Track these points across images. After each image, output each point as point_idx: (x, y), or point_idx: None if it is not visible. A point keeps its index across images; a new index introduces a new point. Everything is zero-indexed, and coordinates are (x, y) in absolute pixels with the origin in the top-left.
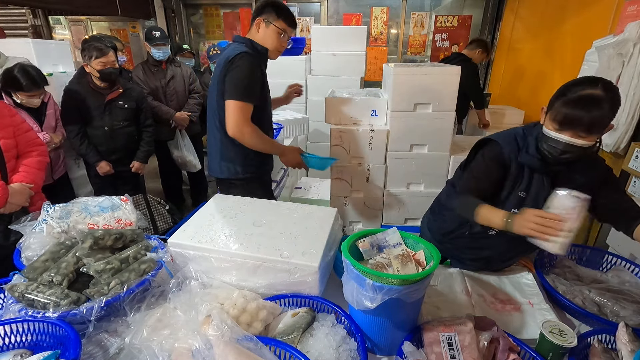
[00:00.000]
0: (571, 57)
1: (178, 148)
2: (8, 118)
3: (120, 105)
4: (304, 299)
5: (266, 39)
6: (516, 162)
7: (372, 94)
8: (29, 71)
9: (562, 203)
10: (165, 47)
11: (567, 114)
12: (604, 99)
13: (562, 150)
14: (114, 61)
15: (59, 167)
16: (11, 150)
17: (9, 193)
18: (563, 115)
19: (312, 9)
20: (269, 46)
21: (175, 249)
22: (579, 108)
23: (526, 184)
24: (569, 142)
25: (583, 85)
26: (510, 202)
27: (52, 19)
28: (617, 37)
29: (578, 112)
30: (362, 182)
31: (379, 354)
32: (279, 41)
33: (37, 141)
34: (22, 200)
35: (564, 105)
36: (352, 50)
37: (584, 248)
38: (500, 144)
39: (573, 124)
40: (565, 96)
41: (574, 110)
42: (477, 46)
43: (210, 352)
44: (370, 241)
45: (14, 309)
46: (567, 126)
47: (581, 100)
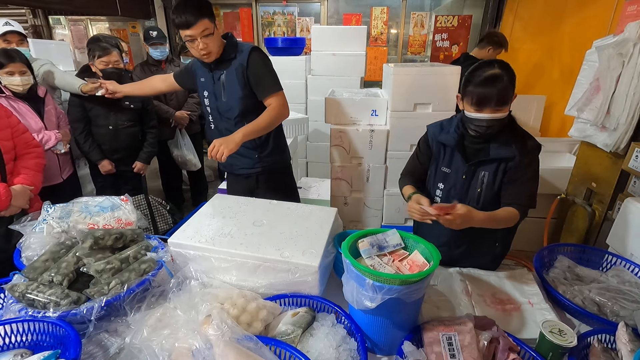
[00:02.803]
0: (570, 57)
1: (178, 147)
2: (5, 119)
3: (126, 105)
4: (304, 298)
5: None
6: (436, 142)
7: (371, 94)
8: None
9: None
10: (163, 46)
11: (480, 94)
12: (503, 75)
13: (486, 126)
14: (116, 61)
15: (67, 166)
16: (10, 152)
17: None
18: (477, 96)
19: (312, 9)
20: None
21: (176, 248)
22: (488, 86)
23: (448, 161)
24: (490, 117)
25: (483, 68)
26: (437, 178)
27: (52, 19)
28: (617, 37)
29: (488, 90)
30: (362, 182)
31: (379, 353)
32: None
33: (34, 142)
34: (24, 203)
35: (474, 87)
36: (352, 50)
37: (584, 248)
38: (428, 129)
39: (487, 100)
40: (473, 80)
41: (484, 89)
42: (488, 44)
43: (210, 351)
44: (370, 241)
45: (14, 308)
46: (482, 104)
47: (487, 79)
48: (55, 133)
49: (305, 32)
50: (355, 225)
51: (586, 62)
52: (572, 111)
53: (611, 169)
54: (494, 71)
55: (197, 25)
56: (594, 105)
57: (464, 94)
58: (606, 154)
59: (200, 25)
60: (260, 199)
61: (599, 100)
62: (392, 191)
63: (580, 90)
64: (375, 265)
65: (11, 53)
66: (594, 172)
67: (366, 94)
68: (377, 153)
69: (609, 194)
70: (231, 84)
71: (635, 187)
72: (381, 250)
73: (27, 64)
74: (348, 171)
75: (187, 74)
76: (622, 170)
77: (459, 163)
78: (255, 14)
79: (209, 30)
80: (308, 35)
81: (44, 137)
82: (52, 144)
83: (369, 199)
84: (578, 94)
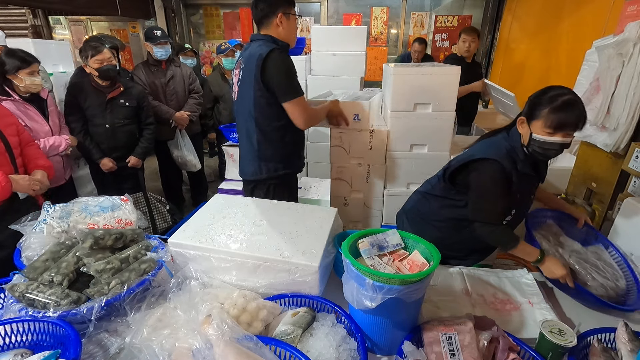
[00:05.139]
0: (567, 57)
1: (178, 148)
2: (9, 117)
3: (122, 103)
4: (304, 298)
5: (290, 32)
6: (516, 174)
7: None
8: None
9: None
10: (167, 45)
11: (560, 119)
12: (579, 100)
13: (556, 150)
14: (110, 58)
15: (69, 167)
16: (17, 148)
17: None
18: (557, 120)
19: (312, 9)
20: (292, 38)
21: (176, 248)
22: (569, 112)
23: (517, 185)
24: (563, 142)
25: (556, 91)
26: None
27: (52, 19)
28: (617, 37)
29: (568, 115)
30: (362, 182)
31: (379, 353)
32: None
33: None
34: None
35: (553, 112)
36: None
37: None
38: (500, 162)
39: (565, 126)
40: (551, 104)
41: (564, 114)
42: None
43: (210, 351)
44: (370, 241)
45: (15, 308)
46: (560, 129)
47: (566, 104)
48: (65, 139)
49: (305, 32)
50: (355, 225)
51: (586, 62)
52: None
53: (611, 169)
54: (570, 96)
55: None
56: (594, 105)
57: (534, 116)
58: (606, 154)
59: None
60: (260, 199)
61: (599, 100)
62: (392, 191)
63: (580, 90)
64: (375, 265)
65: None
66: (594, 172)
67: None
68: (377, 153)
69: (609, 194)
70: None
71: (635, 187)
72: (381, 250)
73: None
74: (348, 171)
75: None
76: (622, 170)
77: (528, 185)
78: None
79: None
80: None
81: (55, 142)
82: (62, 149)
83: (369, 199)
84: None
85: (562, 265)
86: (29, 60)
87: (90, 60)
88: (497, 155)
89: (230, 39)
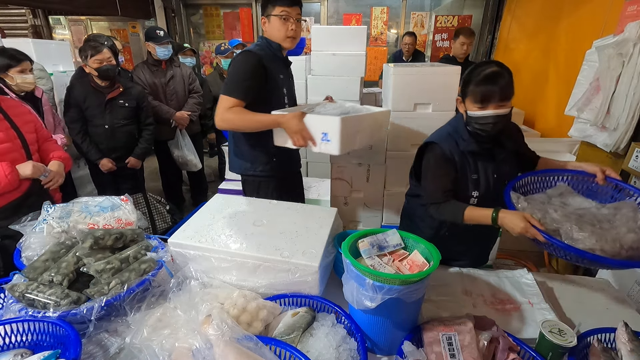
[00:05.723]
0: (566, 56)
1: (178, 147)
2: (28, 115)
3: (121, 103)
4: (304, 298)
5: (273, 32)
6: (458, 153)
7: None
8: (5, 49)
9: None
10: (169, 45)
11: (483, 91)
12: (503, 71)
13: (493, 123)
14: (109, 58)
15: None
16: (34, 144)
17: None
18: (480, 93)
19: (312, 9)
20: (277, 38)
21: (176, 248)
22: (490, 83)
23: (474, 167)
24: (495, 113)
25: (482, 67)
26: (469, 187)
27: (52, 19)
28: (617, 37)
29: (490, 86)
30: (362, 182)
31: (379, 353)
32: (283, 28)
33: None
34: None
35: (477, 85)
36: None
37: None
38: (439, 144)
39: (491, 96)
40: (475, 79)
41: (486, 86)
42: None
43: (210, 351)
44: (370, 241)
45: (14, 308)
46: (487, 101)
47: (488, 76)
48: (60, 137)
49: (305, 32)
50: (355, 225)
51: (586, 62)
52: (572, 111)
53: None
54: (494, 69)
55: (295, 7)
56: (594, 105)
57: (464, 94)
58: (606, 154)
59: (297, 8)
60: (260, 199)
61: (599, 100)
62: (392, 191)
63: (580, 90)
64: (375, 265)
65: (19, 53)
66: None
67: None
68: (377, 153)
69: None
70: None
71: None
72: (381, 250)
73: (31, 63)
74: (348, 171)
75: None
76: (622, 170)
77: (486, 166)
78: (255, 14)
79: (300, 17)
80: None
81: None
82: None
83: (369, 199)
84: (578, 94)
85: (521, 217)
86: (19, 58)
87: (89, 60)
88: (437, 139)
89: (230, 38)
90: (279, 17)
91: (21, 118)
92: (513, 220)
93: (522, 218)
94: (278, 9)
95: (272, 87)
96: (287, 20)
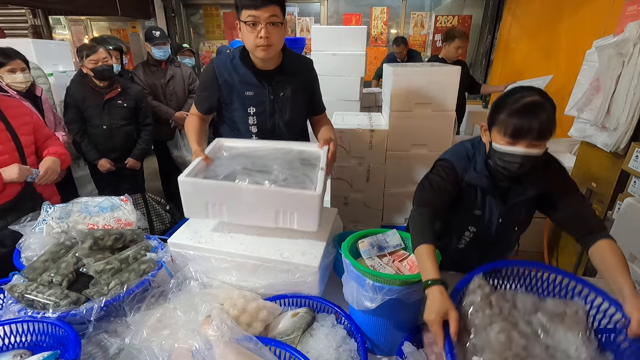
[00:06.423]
0: (566, 56)
1: (178, 148)
2: (27, 116)
3: (119, 104)
4: (304, 299)
5: (244, 40)
6: (466, 182)
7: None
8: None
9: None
10: (166, 46)
11: (517, 124)
12: (546, 103)
13: (520, 164)
14: (105, 58)
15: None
16: (30, 147)
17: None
18: (513, 126)
19: (312, 9)
20: (248, 47)
21: (175, 249)
22: (527, 115)
23: (480, 202)
24: (526, 153)
25: (519, 93)
26: (467, 220)
27: (52, 19)
28: (617, 37)
29: (527, 120)
30: (362, 182)
31: (379, 354)
32: (251, 35)
33: (50, 132)
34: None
35: (510, 116)
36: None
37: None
38: (453, 161)
39: (525, 133)
40: (509, 107)
41: (522, 119)
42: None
43: (210, 352)
44: (370, 241)
45: (14, 309)
46: (519, 137)
47: (526, 107)
48: (61, 135)
49: (305, 32)
50: (355, 225)
51: (586, 62)
52: (572, 111)
53: (611, 169)
54: (534, 98)
55: (266, 8)
56: (594, 105)
57: (493, 122)
58: (606, 154)
59: (270, 10)
60: None
61: (599, 100)
62: (392, 191)
63: (580, 90)
64: (375, 265)
65: (9, 51)
66: (594, 172)
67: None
68: (377, 153)
69: (609, 194)
70: (298, 99)
71: (635, 187)
72: (381, 251)
73: (25, 61)
74: (348, 171)
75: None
76: (622, 170)
77: (493, 205)
78: None
79: (277, 19)
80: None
81: None
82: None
83: (369, 199)
84: (578, 94)
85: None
86: (9, 55)
87: (85, 61)
88: (451, 155)
89: (230, 38)
90: (245, 23)
91: (19, 119)
92: (434, 305)
93: (442, 312)
94: (244, 13)
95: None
96: (255, 26)
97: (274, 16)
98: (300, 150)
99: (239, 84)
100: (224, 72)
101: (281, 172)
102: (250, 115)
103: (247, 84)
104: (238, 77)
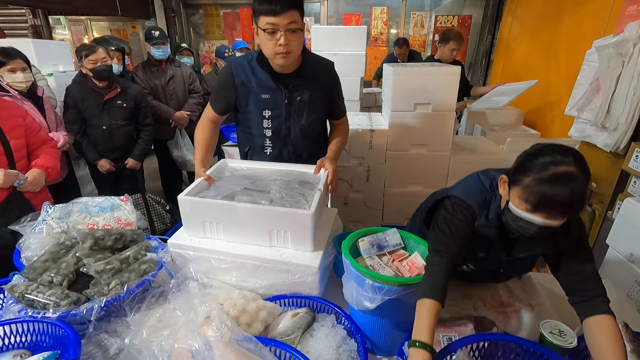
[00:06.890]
0: (567, 57)
1: (178, 147)
2: (20, 119)
3: (119, 104)
4: (304, 299)
5: (262, 47)
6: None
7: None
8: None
9: None
10: (165, 46)
11: (543, 196)
12: (580, 176)
13: (535, 232)
14: (104, 58)
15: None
16: (21, 150)
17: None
18: (538, 197)
19: (312, 9)
20: (266, 54)
21: (175, 249)
22: (555, 189)
23: (487, 247)
24: (545, 224)
25: (551, 156)
26: (468, 257)
27: (52, 19)
28: (617, 37)
29: (554, 194)
30: (362, 182)
31: (379, 354)
32: (270, 43)
33: (47, 137)
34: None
35: (537, 183)
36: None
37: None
38: (471, 205)
39: (550, 206)
40: (536, 173)
41: (549, 191)
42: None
43: (210, 352)
44: (370, 240)
45: (14, 309)
46: (542, 208)
47: (557, 178)
48: (63, 135)
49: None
50: (355, 225)
51: (586, 62)
52: (572, 111)
53: (611, 169)
54: (569, 168)
55: (286, 14)
56: (594, 105)
57: (514, 182)
58: (606, 154)
59: (289, 16)
60: None
61: (599, 100)
62: (392, 191)
63: (580, 90)
64: (375, 265)
65: (10, 50)
66: (594, 172)
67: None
68: (377, 153)
69: (609, 194)
70: (315, 104)
71: (635, 187)
72: (381, 250)
73: (26, 61)
74: (348, 171)
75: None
76: (622, 170)
77: (498, 254)
78: None
79: (296, 25)
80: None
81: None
82: (61, 145)
83: (369, 199)
84: (578, 94)
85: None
86: (11, 55)
87: (84, 61)
88: (468, 197)
89: (230, 38)
90: (264, 30)
91: (10, 122)
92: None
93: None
94: (262, 20)
95: (245, 104)
96: (274, 33)
97: (294, 22)
98: (302, 172)
99: (256, 86)
100: (242, 73)
101: (278, 192)
102: (265, 119)
103: (264, 87)
104: (255, 79)
